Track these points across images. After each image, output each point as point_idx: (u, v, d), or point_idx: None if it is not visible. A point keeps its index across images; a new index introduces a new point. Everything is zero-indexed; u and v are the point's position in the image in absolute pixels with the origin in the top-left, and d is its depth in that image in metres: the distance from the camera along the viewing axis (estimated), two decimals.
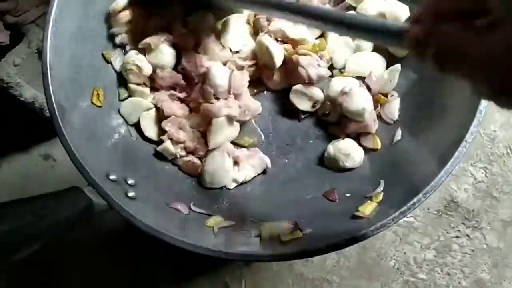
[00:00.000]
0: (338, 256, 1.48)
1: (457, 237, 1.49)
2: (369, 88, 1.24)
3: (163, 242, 0.96)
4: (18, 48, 1.45)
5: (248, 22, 1.32)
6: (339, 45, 1.30)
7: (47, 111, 1.38)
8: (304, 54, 1.24)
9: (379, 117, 1.25)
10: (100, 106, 1.19)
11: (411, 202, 0.96)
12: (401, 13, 1.22)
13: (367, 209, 1.04)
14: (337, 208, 1.14)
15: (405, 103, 1.24)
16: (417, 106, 1.21)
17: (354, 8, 1.31)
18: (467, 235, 1.48)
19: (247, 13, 1.32)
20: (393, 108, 1.24)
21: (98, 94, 1.18)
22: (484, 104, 0.99)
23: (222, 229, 1.09)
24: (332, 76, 1.29)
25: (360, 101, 1.19)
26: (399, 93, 1.25)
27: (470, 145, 0.98)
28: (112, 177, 1.05)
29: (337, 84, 1.24)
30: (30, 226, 0.81)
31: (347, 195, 1.17)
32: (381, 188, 1.09)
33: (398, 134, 1.20)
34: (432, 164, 1.02)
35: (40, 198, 0.86)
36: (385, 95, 1.26)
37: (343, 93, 1.21)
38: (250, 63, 1.28)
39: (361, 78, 1.27)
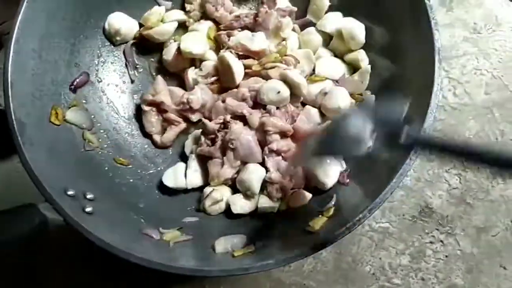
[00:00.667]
0: (315, 261, 1.49)
1: (431, 242, 1.49)
2: None
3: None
4: None
5: (208, 37, 1.35)
6: (298, 54, 1.34)
7: None
8: (272, 67, 1.26)
9: None
10: (58, 125, 1.20)
11: (357, 218, 0.98)
12: (358, 32, 1.26)
13: (317, 224, 1.06)
14: (288, 222, 1.15)
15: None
16: None
17: (314, 24, 1.34)
18: (441, 241, 1.49)
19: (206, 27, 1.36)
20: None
21: (56, 113, 1.20)
22: (428, 122, 1.01)
23: (178, 244, 1.11)
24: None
25: (339, 98, 1.25)
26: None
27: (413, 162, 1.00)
28: (70, 192, 1.06)
29: (314, 88, 1.29)
30: None
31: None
32: (332, 203, 1.10)
33: None
34: (381, 178, 1.04)
35: None
36: (360, 95, 1.30)
37: (324, 93, 1.26)
38: (212, 80, 1.31)
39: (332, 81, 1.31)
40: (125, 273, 1.44)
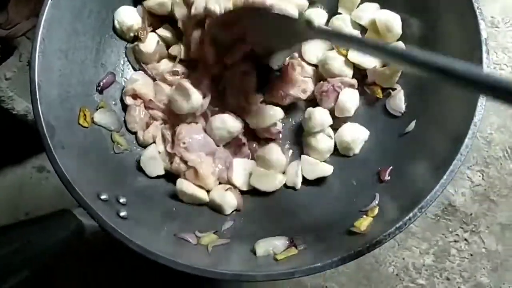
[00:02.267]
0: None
1: (455, 241, 1.48)
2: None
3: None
4: (9, 61, 1.44)
5: None
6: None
7: None
8: None
9: (386, 112, 1.27)
10: (86, 127, 1.17)
11: (407, 217, 0.95)
12: (394, 23, 1.23)
13: (363, 224, 1.03)
14: (331, 223, 1.13)
15: (408, 102, 1.25)
16: (418, 109, 1.21)
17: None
18: (466, 239, 1.47)
19: None
20: (398, 100, 1.25)
21: (84, 114, 1.17)
22: (478, 116, 0.99)
23: (217, 248, 1.08)
24: None
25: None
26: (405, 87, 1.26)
27: (465, 157, 0.97)
28: (103, 196, 1.03)
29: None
30: (20, 253, 0.80)
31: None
32: (376, 202, 1.08)
33: (412, 125, 1.20)
34: (427, 176, 1.02)
35: (29, 224, 0.85)
36: (388, 89, 1.27)
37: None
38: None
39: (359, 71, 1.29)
40: (155, 277, 1.43)
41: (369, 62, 1.26)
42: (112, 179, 1.15)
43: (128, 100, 1.26)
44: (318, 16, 1.33)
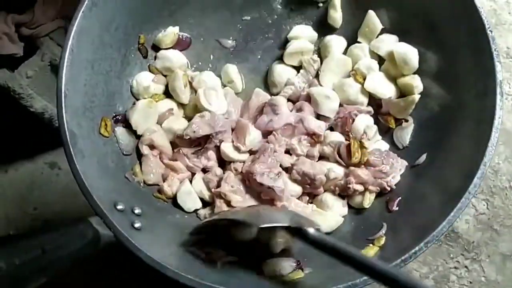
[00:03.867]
0: None
1: (455, 268, 1.49)
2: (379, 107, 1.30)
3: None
4: (31, 60, 1.46)
5: None
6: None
7: (56, 121, 1.40)
8: None
9: (392, 142, 1.29)
10: (107, 137, 1.19)
11: (413, 251, 0.97)
12: (411, 56, 1.25)
13: (369, 253, 1.05)
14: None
15: (421, 134, 1.26)
16: (430, 142, 1.22)
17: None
18: (466, 267, 1.49)
19: None
20: (406, 133, 1.27)
21: (106, 124, 1.19)
22: (488, 157, 1.01)
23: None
24: None
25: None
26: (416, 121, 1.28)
27: (473, 196, 0.99)
28: (119, 206, 1.05)
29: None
30: (39, 260, 0.82)
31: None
32: (383, 232, 1.09)
33: (422, 158, 1.21)
34: (435, 210, 1.04)
35: (48, 232, 0.87)
36: (400, 120, 1.29)
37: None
38: None
39: (374, 100, 1.30)
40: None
41: (385, 92, 1.28)
42: (127, 189, 1.17)
43: (145, 150, 1.25)
44: (338, 43, 1.36)
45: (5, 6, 1.44)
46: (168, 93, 1.34)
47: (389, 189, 1.19)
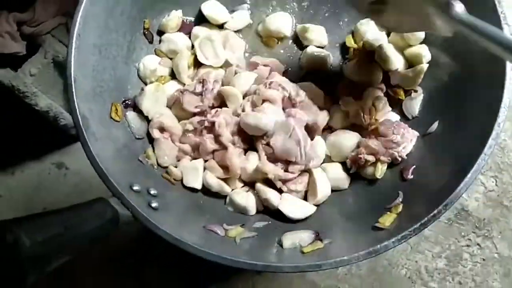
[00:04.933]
0: (350, 265, 1.49)
1: (468, 246, 1.49)
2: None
3: (186, 253, 0.96)
4: (34, 58, 1.47)
5: None
6: None
7: (61, 120, 1.41)
8: None
9: (402, 114, 1.29)
10: (118, 121, 1.20)
11: (432, 214, 0.97)
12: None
13: (387, 220, 1.05)
14: (355, 219, 1.15)
15: (431, 103, 1.26)
16: (442, 110, 1.22)
17: None
18: (478, 244, 1.49)
19: None
20: (415, 104, 1.27)
21: (116, 109, 1.20)
22: (502, 117, 1.01)
23: (244, 240, 1.10)
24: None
25: None
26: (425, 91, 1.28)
27: (488, 157, 0.99)
28: (135, 187, 1.05)
29: None
30: (61, 237, 0.82)
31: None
32: (400, 200, 1.10)
33: (434, 126, 1.21)
34: (451, 175, 1.03)
35: (69, 210, 0.87)
36: (409, 91, 1.29)
37: None
38: None
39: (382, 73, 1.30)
40: (170, 273, 1.46)
41: (395, 63, 1.28)
42: (141, 171, 1.18)
43: (156, 133, 1.25)
44: None
45: (6, 5, 1.45)
46: (174, 76, 1.34)
47: (400, 159, 1.19)
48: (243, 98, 1.26)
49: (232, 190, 1.24)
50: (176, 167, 1.23)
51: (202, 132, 1.23)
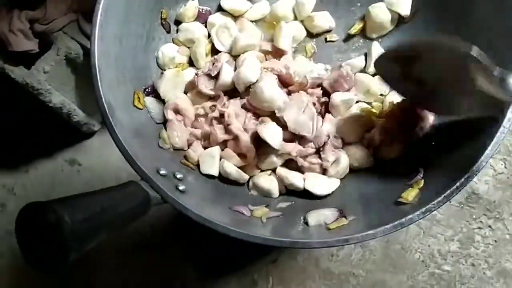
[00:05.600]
0: (363, 250, 1.51)
1: (479, 228, 1.51)
2: None
3: (216, 233, 0.98)
4: (47, 55, 1.49)
5: None
6: None
7: (74, 116, 1.43)
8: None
9: None
10: (141, 109, 1.23)
11: (454, 186, 0.98)
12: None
13: (410, 195, 1.06)
14: (378, 195, 1.16)
15: None
16: None
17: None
18: (490, 226, 1.51)
19: None
20: None
21: (138, 97, 1.22)
22: None
23: (270, 219, 1.12)
24: None
25: None
26: None
27: (507, 130, 1.00)
28: (162, 172, 1.07)
29: None
30: (98, 217, 0.84)
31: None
32: (421, 175, 1.11)
33: None
34: (471, 149, 1.04)
35: (104, 192, 0.89)
36: None
37: None
38: None
39: None
40: (186, 261, 1.49)
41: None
42: (166, 156, 1.21)
43: (170, 115, 1.26)
44: None
45: (18, 3, 1.46)
46: (192, 64, 1.36)
47: (420, 136, 1.21)
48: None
49: (251, 177, 1.25)
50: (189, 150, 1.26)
51: (212, 122, 1.25)
